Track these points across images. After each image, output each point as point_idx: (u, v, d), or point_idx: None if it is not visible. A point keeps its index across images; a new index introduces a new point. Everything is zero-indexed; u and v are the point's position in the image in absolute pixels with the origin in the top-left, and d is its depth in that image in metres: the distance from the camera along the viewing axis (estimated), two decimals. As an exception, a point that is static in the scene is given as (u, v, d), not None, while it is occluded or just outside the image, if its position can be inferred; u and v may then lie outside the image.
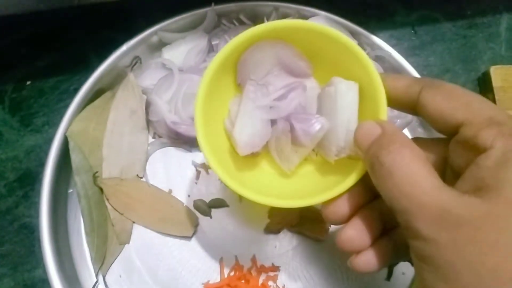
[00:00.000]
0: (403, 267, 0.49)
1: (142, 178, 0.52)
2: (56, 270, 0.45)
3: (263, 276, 0.48)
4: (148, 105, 0.54)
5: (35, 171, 0.53)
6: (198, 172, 0.53)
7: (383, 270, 0.49)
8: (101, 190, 0.50)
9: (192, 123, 0.51)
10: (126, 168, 0.51)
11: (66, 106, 0.51)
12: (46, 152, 0.50)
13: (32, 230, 0.51)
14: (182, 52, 0.56)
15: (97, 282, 0.47)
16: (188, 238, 0.50)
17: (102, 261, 0.48)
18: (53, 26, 0.61)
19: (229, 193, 0.51)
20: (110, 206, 0.49)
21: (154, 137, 0.55)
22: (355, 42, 0.56)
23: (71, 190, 0.51)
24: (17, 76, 0.58)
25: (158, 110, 0.53)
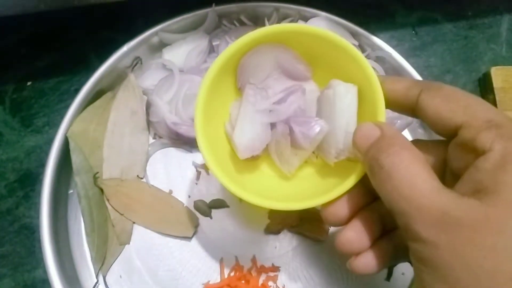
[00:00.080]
0: (402, 267, 0.49)
1: (142, 178, 0.52)
2: (57, 271, 0.45)
3: (263, 277, 0.48)
4: (148, 105, 0.54)
5: (36, 171, 0.53)
6: (199, 173, 0.53)
7: (383, 271, 0.49)
8: (101, 190, 0.50)
9: (192, 124, 0.51)
10: (126, 168, 0.52)
11: (66, 107, 0.51)
12: (46, 152, 0.50)
13: (33, 231, 0.51)
14: (182, 52, 0.56)
15: (97, 282, 0.47)
16: (189, 238, 0.50)
17: (102, 261, 0.48)
18: (53, 26, 0.61)
19: (229, 193, 0.51)
20: (110, 206, 0.49)
21: (154, 137, 0.55)
22: (356, 43, 0.56)
23: (71, 191, 0.51)
24: (17, 77, 0.58)
25: (159, 111, 0.53)
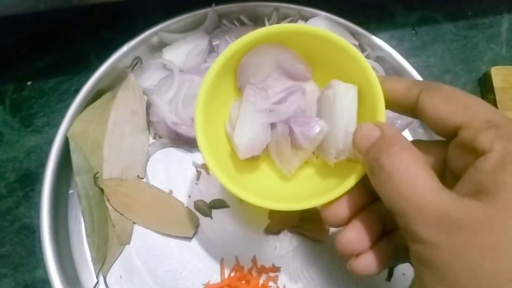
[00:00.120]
0: (403, 268, 0.49)
1: (142, 178, 0.52)
2: (57, 271, 0.45)
3: (263, 277, 0.48)
4: (148, 105, 0.54)
5: (36, 171, 0.53)
6: (199, 173, 0.53)
7: (383, 271, 0.49)
8: (101, 190, 0.50)
9: (192, 124, 0.51)
10: (126, 168, 0.52)
11: (66, 107, 0.51)
12: (46, 152, 0.50)
13: (33, 231, 0.51)
14: (182, 52, 0.56)
15: (97, 282, 0.47)
16: (189, 238, 0.50)
17: (102, 261, 0.48)
18: (53, 26, 0.61)
19: (229, 194, 0.51)
20: (110, 206, 0.49)
21: (154, 137, 0.55)
22: (356, 43, 0.56)
23: (71, 191, 0.51)
24: (17, 77, 0.58)
25: (159, 111, 0.53)
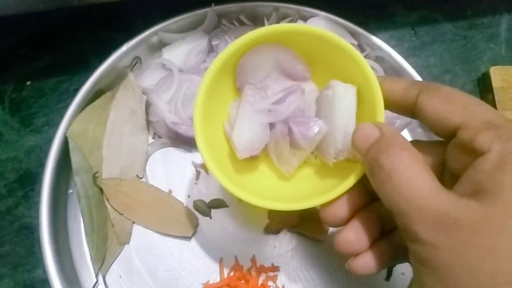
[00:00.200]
0: (402, 267, 0.49)
1: (142, 178, 0.52)
2: (56, 271, 0.45)
3: (262, 276, 0.48)
4: (148, 105, 0.54)
5: (35, 171, 0.53)
6: (198, 173, 0.53)
7: (382, 271, 0.49)
8: (101, 190, 0.50)
9: (192, 124, 0.51)
10: (126, 168, 0.52)
11: (66, 107, 0.51)
12: (46, 152, 0.50)
13: (32, 231, 0.51)
14: (182, 52, 0.56)
15: (97, 282, 0.48)
16: (188, 238, 0.50)
17: (102, 261, 0.48)
18: (53, 26, 0.61)
19: (228, 193, 0.51)
20: (110, 206, 0.49)
21: (154, 137, 0.55)
22: (355, 42, 0.56)
23: (71, 191, 0.51)
24: (17, 76, 0.58)
25: (158, 111, 0.53)
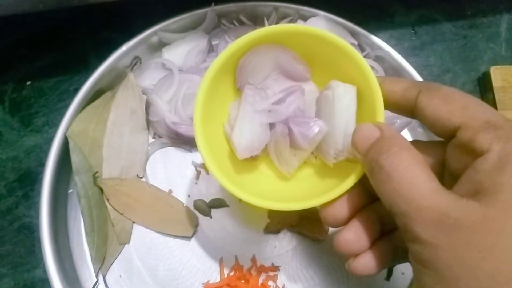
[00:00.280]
0: (402, 267, 0.49)
1: (142, 178, 0.52)
2: (56, 270, 0.45)
3: (263, 276, 0.48)
4: (148, 105, 0.54)
5: (35, 171, 0.53)
6: (198, 172, 0.53)
7: (383, 270, 0.49)
8: (101, 190, 0.50)
9: (192, 123, 0.51)
10: (126, 168, 0.52)
11: (66, 106, 0.51)
12: (46, 152, 0.50)
13: (32, 230, 0.51)
14: (182, 52, 0.56)
15: (97, 282, 0.48)
16: (188, 238, 0.50)
17: (102, 261, 0.48)
18: (53, 26, 0.61)
19: (229, 193, 0.52)
20: (110, 206, 0.49)
21: (154, 137, 0.55)
22: (355, 42, 0.56)
23: (71, 190, 0.51)
24: (17, 76, 0.58)
25: (158, 110, 0.53)
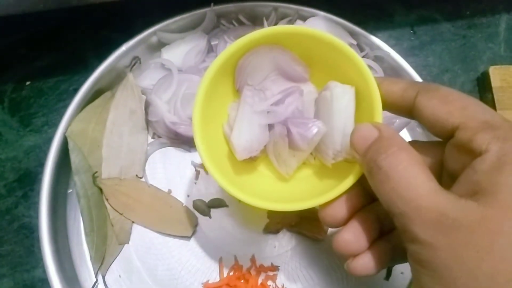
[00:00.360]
0: (402, 267, 0.49)
1: (141, 178, 0.52)
2: (56, 270, 0.45)
3: (262, 276, 0.48)
4: (147, 105, 0.54)
5: (35, 171, 0.53)
6: (198, 172, 0.53)
7: (382, 270, 0.49)
8: (100, 190, 0.50)
9: (191, 123, 0.51)
10: (125, 168, 0.52)
11: (65, 106, 0.51)
12: (45, 152, 0.50)
13: (32, 230, 0.51)
14: (181, 52, 0.56)
15: (96, 282, 0.48)
16: (188, 238, 0.50)
17: (101, 261, 0.48)
18: (52, 26, 0.61)
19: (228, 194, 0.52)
20: (109, 206, 0.50)
21: (153, 137, 0.55)
22: (354, 42, 0.56)
23: (70, 190, 0.51)
24: (16, 76, 0.58)
25: (158, 110, 0.53)
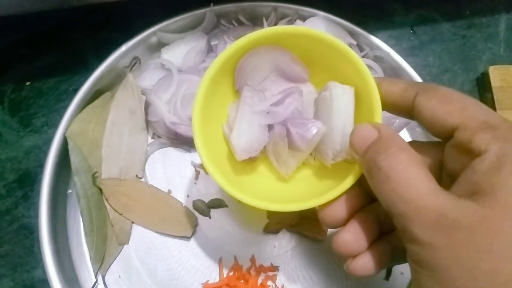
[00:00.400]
0: (401, 267, 0.49)
1: (141, 178, 0.52)
2: (56, 271, 0.45)
3: (262, 276, 0.48)
4: (147, 105, 0.54)
5: (35, 171, 0.53)
6: (197, 172, 0.53)
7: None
8: (100, 190, 0.50)
9: (191, 124, 0.51)
10: (125, 168, 0.52)
11: (65, 107, 0.51)
12: (45, 152, 0.50)
13: (32, 231, 0.51)
14: (181, 52, 0.56)
15: (96, 282, 0.48)
16: (187, 238, 0.50)
17: (101, 261, 0.48)
18: (52, 26, 0.61)
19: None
20: (109, 206, 0.50)
21: (153, 137, 0.55)
22: (354, 42, 0.56)
23: (70, 191, 0.51)
24: (16, 77, 0.58)
25: (157, 111, 0.53)
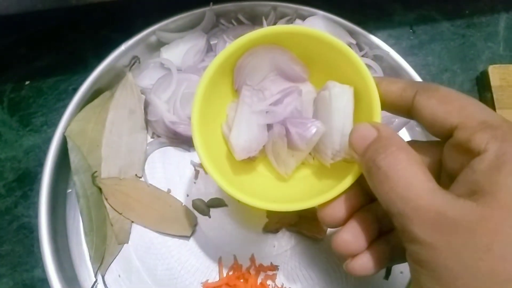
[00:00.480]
0: (401, 266, 0.49)
1: (141, 177, 0.52)
2: (55, 270, 0.45)
3: (261, 276, 0.48)
4: (146, 105, 0.54)
5: (34, 171, 0.53)
6: (197, 172, 0.53)
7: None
8: (100, 190, 0.50)
9: (190, 123, 0.51)
10: (124, 167, 0.52)
11: (64, 106, 0.51)
12: (45, 152, 0.50)
13: (31, 230, 0.51)
14: (180, 52, 0.56)
15: (96, 281, 0.48)
16: (187, 237, 0.50)
17: (101, 260, 0.48)
18: (52, 26, 0.61)
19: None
20: (109, 205, 0.50)
21: (152, 136, 0.55)
22: (353, 42, 0.56)
23: (70, 190, 0.51)
24: (16, 76, 0.58)
25: (157, 110, 0.53)
